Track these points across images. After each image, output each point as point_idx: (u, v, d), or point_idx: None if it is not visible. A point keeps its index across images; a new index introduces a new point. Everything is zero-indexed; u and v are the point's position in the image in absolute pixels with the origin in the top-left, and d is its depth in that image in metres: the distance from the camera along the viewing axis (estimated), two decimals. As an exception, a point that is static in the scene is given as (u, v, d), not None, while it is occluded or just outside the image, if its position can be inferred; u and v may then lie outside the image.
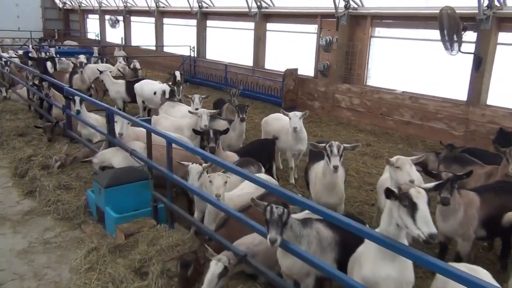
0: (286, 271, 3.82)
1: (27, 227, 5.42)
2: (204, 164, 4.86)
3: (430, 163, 7.08)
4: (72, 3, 31.54)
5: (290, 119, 6.99)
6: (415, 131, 11.58)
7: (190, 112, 7.26)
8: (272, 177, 6.78)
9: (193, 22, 20.42)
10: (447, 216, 4.51)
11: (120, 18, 26.24)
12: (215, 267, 3.62)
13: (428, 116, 11.32)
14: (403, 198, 2.88)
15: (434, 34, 11.54)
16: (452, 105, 10.90)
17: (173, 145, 4.87)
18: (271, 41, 16.92)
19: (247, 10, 16.59)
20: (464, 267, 2.99)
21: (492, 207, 4.64)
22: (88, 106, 7.85)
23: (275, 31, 16.69)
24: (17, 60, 13.40)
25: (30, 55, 16.26)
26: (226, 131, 5.99)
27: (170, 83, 10.44)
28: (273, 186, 4.15)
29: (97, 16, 29.16)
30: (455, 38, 10.25)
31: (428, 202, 2.85)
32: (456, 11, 9.76)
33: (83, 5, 30.46)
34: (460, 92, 11.03)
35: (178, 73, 10.54)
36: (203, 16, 19.76)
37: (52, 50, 17.01)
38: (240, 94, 16.26)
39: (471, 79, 10.67)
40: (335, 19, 13.56)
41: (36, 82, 9.00)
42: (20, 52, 17.67)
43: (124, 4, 25.01)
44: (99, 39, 28.42)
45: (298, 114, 6.98)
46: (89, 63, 14.56)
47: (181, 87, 9.46)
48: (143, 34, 24.85)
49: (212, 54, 20.08)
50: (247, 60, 17.57)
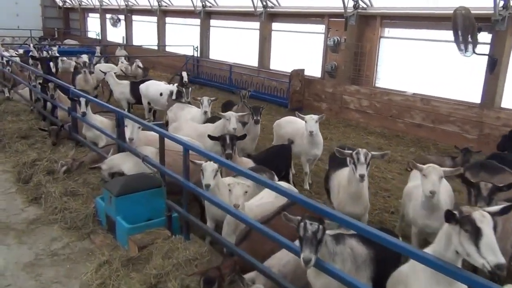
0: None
1: (32, 237, 5.11)
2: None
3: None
4: (72, 1, 31.18)
5: (306, 122, 6.69)
6: (427, 134, 11.31)
7: (219, 114, 6.96)
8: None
9: (196, 21, 20.11)
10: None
11: (122, 17, 25.92)
12: None
13: (440, 118, 11.06)
14: (465, 222, 2.58)
15: (446, 34, 11.32)
16: (465, 107, 10.64)
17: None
18: (277, 41, 16.63)
19: (252, 10, 16.30)
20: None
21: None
22: (93, 107, 7.55)
23: (280, 31, 16.40)
24: (18, 60, 13.11)
25: (31, 54, 15.98)
26: (243, 136, 5.69)
27: (177, 84, 10.15)
28: (296, 195, 3.88)
29: (97, 15, 28.82)
30: (470, 39, 9.98)
31: (494, 227, 2.55)
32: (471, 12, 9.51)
33: (83, 3, 30.11)
34: (473, 94, 10.77)
35: (185, 74, 10.23)
36: (206, 15, 19.46)
37: (54, 50, 16.67)
38: (237, 93, 16.14)
39: (485, 81, 10.42)
40: (343, 19, 13.29)
41: (41, 83, 8.68)
42: (21, 51, 17.36)
43: (126, 3, 24.68)
44: (100, 38, 28.09)
45: (315, 117, 6.70)
46: (96, 63, 14.29)
47: (189, 88, 9.18)
48: (144, 33, 24.52)
49: (215, 54, 19.78)
50: (251, 60, 17.29)
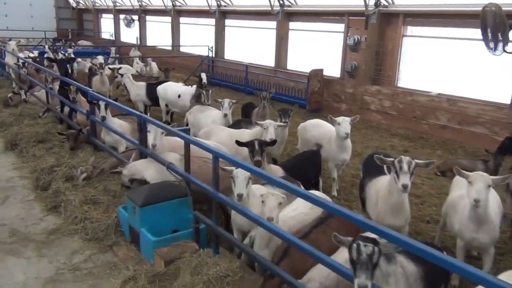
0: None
1: (53, 249, 4.85)
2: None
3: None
4: (86, 2, 31.18)
5: (338, 124, 6.33)
6: (453, 136, 10.88)
7: (257, 123, 6.52)
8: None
9: (211, 21, 19.86)
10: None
11: (135, 18, 25.80)
12: None
13: (468, 120, 10.63)
14: None
15: (473, 32, 10.93)
16: (494, 108, 10.20)
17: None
18: (294, 40, 16.29)
19: (269, 9, 16.00)
20: None
21: None
22: (112, 110, 7.30)
23: (298, 30, 16.06)
24: (33, 61, 12.98)
25: (46, 55, 15.85)
26: (273, 142, 5.35)
27: (196, 86, 9.86)
28: (333, 206, 3.55)
29: (111, 16, 28.75)
30: (500, 38, 9.54)
31: None
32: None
33: (97, 4, 30.08)
34: (503, 95, 10.33)
35: (204, 75, 9.92)
36: (221, 15, 19.18)
37: (70, 51, 16.53)
38: (257, 94, 15.83)
39: (516, 81, 9.99)
40: (364, 18, 12.92)
41: (62, 86, 8.47)
42: (35, 52, 17.27)
43: (140, 3, 24.53)
44: (114, 39, 28.01)
45: (348, 119, 6.34)
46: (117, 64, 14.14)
47: (210, 91, 8.87)
48: (158, 33, 24.34)
49: (230, 54, 19.50)
50: (267, 60, 16.98)
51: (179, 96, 9.88)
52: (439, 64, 11.92)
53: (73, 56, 15.87)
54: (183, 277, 4.06)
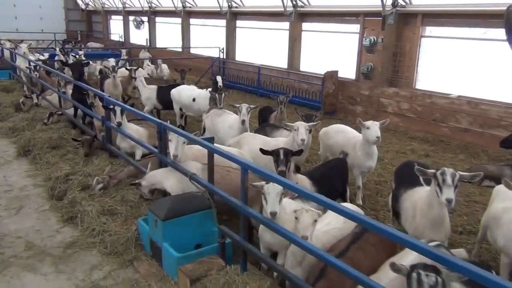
0: None
1: (70, 264, 4.62)
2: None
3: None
4: (95, 4, 31.08)
5: (368, 128, 6.04)
6: (474, 139, 10.54)
7: (286, 124, 6.17)
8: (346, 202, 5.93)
9: (221, 22, 19.61)
10: None
11: (145, 19, 25.63)
12: None
13: (490, 123, 10.28)
14: None
15: (495, 33, 10.61)
16: (518, 111, 9.87)
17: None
18: (307, 41, 16.00)
19: (281, 10, 15.72)
20: None
21: None
22: (127, 115, 7.07)
23: (311, 31, 15.76)
24: (45, 64, 12.83)
25: (57, 58, 15.70)
26: (299, 152, 5.04)
27: (209, 89, 9.61)
28: (372, 221, 3.27)
29: (120, 17, 28.60)
30: (525, 38, 9.22)
31: None
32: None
33: (106, 6, 29.96)
34: (527, 98, 10.01)
35: (219, 78, 9.68)
36: (232, 16, 18.93)
37: (81, 53, 16.35)
38: (274, 98, 15.56)
39: (542, 83, 9.63)
40: (380, 18, 12.61)
41: (76, 90, 8.26)
42: (46, 55, 17.12)
43: (149, 4, 24.35)
44: (123, 40, 27.88)
45: (377, 123, 6.05)
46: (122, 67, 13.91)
47: (222, 94, 8.62)
48: (168, 35, 24.14)
49: (241, 55, 19.24)
50: (280, 62, 16.70)
51: (194, 99, 9.64)
52: (459, 65, 11.57)
53: (83, 58, 15.73)
54: (211, 297, 3.81)
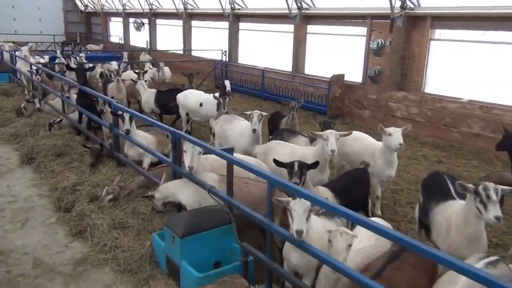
0: None
1: (82, 284, 4.34)
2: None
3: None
4: (95, 6, 30.80)
5: (389, 135, 5.78)
6: (487, 145, 10.29)
7: (314, 134, 5.86)
8: (368, 215, 5.68)
9: (224, 24, 19.36)
10: None
11: (145, 21, 25.35)
12: None
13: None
14: None
15: (506, 36, 10.42)
16: (533, 116, 9.65)
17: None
18: (312, 44, 15.77)
19: (286, 12, 15.49)
20: None
21: None
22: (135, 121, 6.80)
23: (316, 33, 15.53)
24: (47, 67, 12.55)
25: (57, 61, 15.41)
26: (315, 164, 4.68)
27: (213, 94, 9.34)
28: (410, 240, 3.04)
29: (120, 19, 28.31)
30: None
31: None
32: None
33: (105, 7, 29.67)
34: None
35: (227, 82, 9.41)
36: (235, 18, 18.69)
37: (82, 56, 16.03)
38: (278, 101, 15.35)
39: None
40: (388, 21, 12.39)
41: (81, 95, 7.98)
42: (46, 57, 16.82)
43: (150, 6, 24.08)
44: (123, 42, 27.59)
45: (399, 129, 5.80)
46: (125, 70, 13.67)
47: (227, 98, 8.34)
48: (169, 37, 23.86)
49: (244, 58, 18.99)
50: (283, 65, 16.46)
51: (201, 104, 9.37)
52: (469, 69, 11.37)
53: (85, 61, 15.46)
54: (236, 322, 3.55)
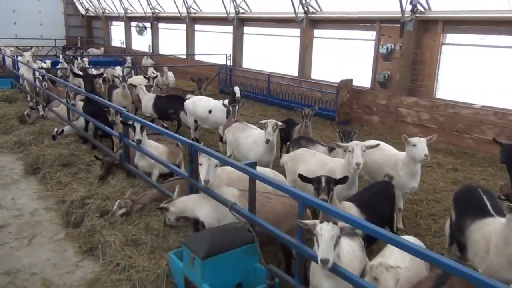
0: None
1: (95, 307, 4.09)
2: (342, 224, 3.36)
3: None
4: (96, 10, 30.57)
5: (414, 145, 5.51)
6: (502, 152, 10.06)
7: (338, 145, 5.54)
8: (392, 231, 5.40)
9: (228, 28, 19.12)
10: None
11: (148, 25, 25.10)
12: None
13: (519, 134, 9.83)
14: None
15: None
16: (550, 122, 9.41)
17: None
18: (318, 49, 15.53)
19: (291, 16, 15.26)
20: None
21: None
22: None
23: (323, 38, 15.29)
24: (51, 72, 12.28)
25: (60, 66, 15.16)
26: (344, 179, 4.39)
27: (223, 101, 9.09)
28: (454, 264, 2.78)
29: (122, 23, 28.07)
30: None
31: None
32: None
33: (107, 11, 29.44)
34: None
35: (237, 89, 9.15)
36: (240, 22, 18.45)
37: (85, 61, 15.77)
38: (285, 107, 15.11)
39: None
40: (398, 25, 12.16)
41: (88, 102, 7.71)
42: (48, 62, 16.55)
43: (152, 10, 23.85)
44: (124, 46, 27.34)
45: (424, 139, 5.53)
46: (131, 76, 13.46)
47: (236, 106, 8.08)
48: (172, 41, 23.62)
49: (249, 62, 18.74)
50: (289, 69, 16.22)
51: (210, 111, 9.13)
52: (483, 74, 11.12)
53: (88, 65, 15.21)
54: None
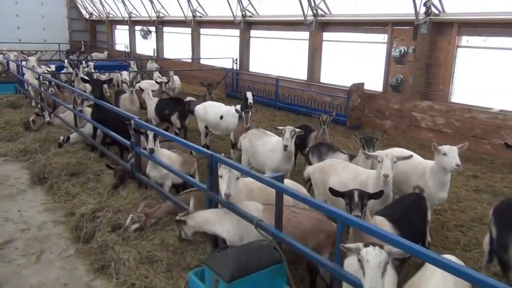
0: None
1: (111, 334, 3.77)
2: (389, 248, 3.04)
3: None
4: (100, 14, 30.38)
5: (445, 154, 5.18)
6: (522, 158, 9.74)
7: (367, 154, 5.25)
8: (424, 246, 5.06)
9: (234, 32, 18.85)
10: None
11: (152, 29, 24.87)
12: None
13: (540, 140, 9.48)
14: None
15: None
16: None
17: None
18: (327, 52, 15.23)
19: (300, 19, 15.00)
20: None
21: None
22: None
23: (333, 41, 15.00)
24: (55, 76, 12.01)
25: (65, 70, 14.90)
26: (379, 194, 4.04)
27: (235, 107, 8.80)
28: None
29: (126, 27, 27.86)
30: None
31: None
32: None
33: (111, 15, 29.25)
34: None
35: (250, 94, 8.86)
36: (246, 25, 18.17)
37: (91, 65, 15.50)
38: (293, 111, 14.81)
39: None
40: (411, 27, 11.87)
41: (97, 109, 7.42)
42: (53, 66, 16.31)
43: (157, 14, 23.61)
44: (129, 51, 27.12)
45: (455, 148, 5.20)
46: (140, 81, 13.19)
47: (249, 112, 7.78)
48: (177, 45, 23.37)
49: (255, 66, 18.45)
50: (298, 73, 15.92)
51: (222, 117, 8.83)
52: (500, 77, 10.81)
53: (93, 70, 14.94)
54: None
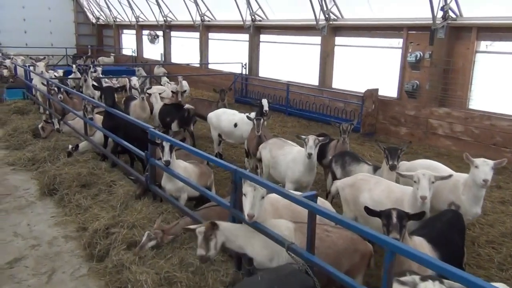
0: None
1: None
2: (451, 284, 2.75)
3: None
4: (107, 18, 30.26)
5: (476, 167, 4.85)
6: (546, 167, 9.39)
7: (401, 174, 4.90)
8: (462, 268, 4.72)
9: (243, 36, 18.60)
10: None
11: (160, 33, 24.67)
12: None
13: None
14: None
15: None
16: None
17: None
18: (339, 57, 14.93)
19: (312, 23, 14.70)
20: None
21: None
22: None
23: (345, 46, 14.70)
24: (64, 82, 11.76)
25: (73, 75, 14.66)
26: (421, 215, 3.76)
27: (247, 114, 8.47)
28: None
29: (133, 32, 27.70)
30: None
31: None
32: None
33: (118, 20, 29.11)
34: None
35: (265, 101, 8.59)
36: (256, 30, 17.91)
37: (99, 70, 15.26)
38: (305, 117, 14.50)
39: None
40: (426, 32, 11.56)
41: (108, 117, 7.15)
42: (60, 71, 16.10)
43: (164, 18, 23.41)
44: (136, 55, 26.94)
45: (490, 162, 4.84)
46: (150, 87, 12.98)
47: (261, 120, 7.45)
48: (185, 50, 23.14)
49: (265, 71, 18.16)
50: (309, 78, 15.61)
51: (236, 125, 8.54)
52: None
53: (101, 75, 14.71)
54: None
